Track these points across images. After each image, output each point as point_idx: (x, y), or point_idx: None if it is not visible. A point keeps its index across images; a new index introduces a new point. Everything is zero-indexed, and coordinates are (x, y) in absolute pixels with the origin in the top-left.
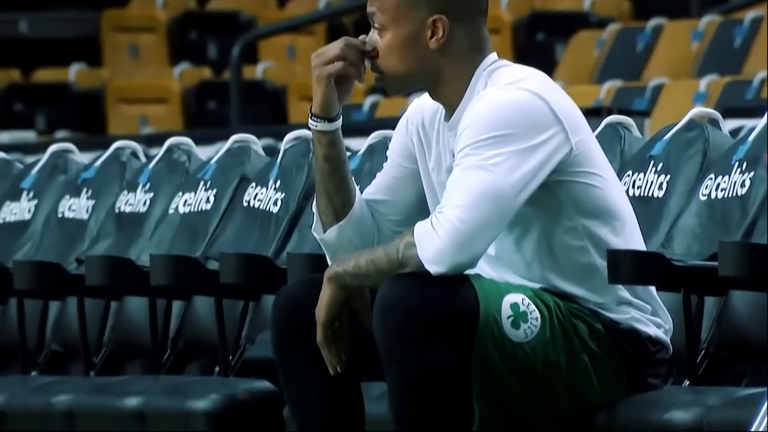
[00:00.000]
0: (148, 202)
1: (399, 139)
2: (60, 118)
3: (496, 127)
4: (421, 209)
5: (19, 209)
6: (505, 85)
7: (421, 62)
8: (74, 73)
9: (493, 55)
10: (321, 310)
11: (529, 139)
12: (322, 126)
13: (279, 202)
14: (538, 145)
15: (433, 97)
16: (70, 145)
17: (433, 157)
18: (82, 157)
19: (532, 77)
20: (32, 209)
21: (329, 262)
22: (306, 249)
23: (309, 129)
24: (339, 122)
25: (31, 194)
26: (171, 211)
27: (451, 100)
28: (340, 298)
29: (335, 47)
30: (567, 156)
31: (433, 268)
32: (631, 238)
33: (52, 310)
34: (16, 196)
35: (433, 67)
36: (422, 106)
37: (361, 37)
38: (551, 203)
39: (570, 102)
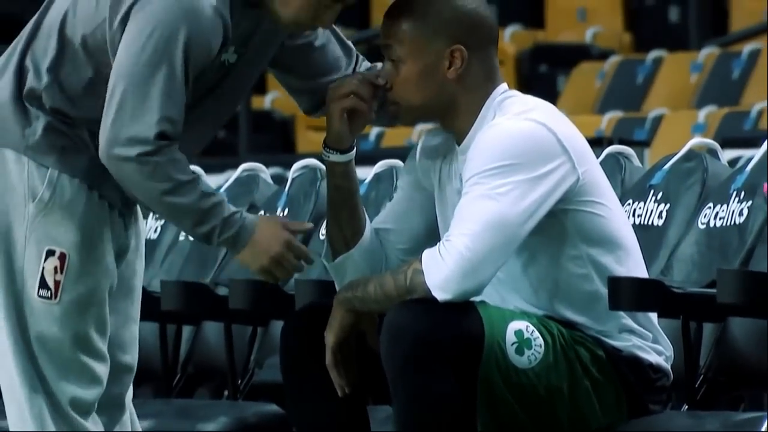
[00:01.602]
0: (159, 229)
1: (409, 169)
2: None
3: (504, 157)
4: (429, 238)
5: None
6: (513, 116)
7: (438, 92)
8: None
9: (504, 85)
10: (330, 333)
11: (536, 169)
12: (335, 157)
13: None
14: (544, 175)
15: (445, 126)
16: None
17: (443, 181)
18: None
19: (539, 108)
20: None
21: (337, 289)
22: (313, 276)
23: (322, 160)
24: (352, 154)
25: None
26: (181, 237)
27: (462, 128)
28: (348, 322)
29: (349, 82)
30: (573, 185)
31: (440, 295)
32: (634, 266)
33: None
34: None
35: (449, 97)
36: (433, 134)
37: (378, 68)
38: (557, 231)
39: (576, 133)
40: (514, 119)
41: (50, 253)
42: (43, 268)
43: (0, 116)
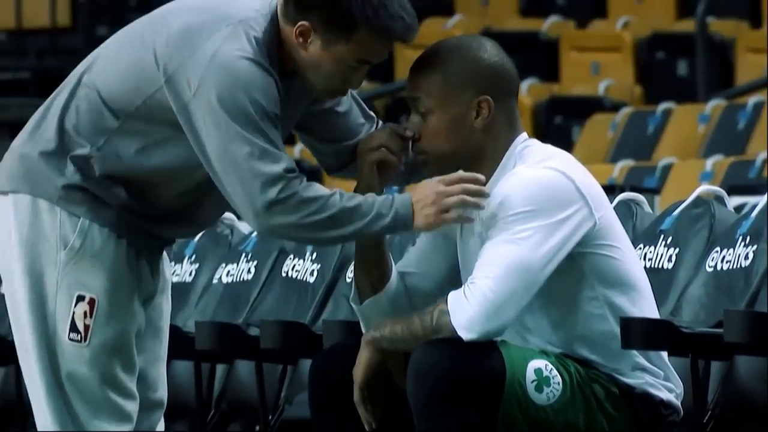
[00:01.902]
0: (193, 273)
1: None
2: None
3: (525, 203)
4: (451, 282)
5: None
6: (533, 164)
7: (466, 141)
8: None
9: (524, 134)
10: (358, 371)
11: (555, 215)
12: None
13: (315, 273)
14: (564, 220)
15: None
16: None
17: (464, 227)
18: None
19: (558, 156)
20: None
21: (363, 331)
22: (340, 316)
23: None
24: None
25: None
26: (215, 280)
27: (485, 175)
28: (376, 361)
29: (379, 135)
30: (591, 230)
31: (465, 335)
32: (647, 307)
33: None
34: None
35: (476, 145)
36: None
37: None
38: (575, 274)
39: (593, 180)
40: (534, 167)
41: (80, 299)
42: (74, 312)
43: (36, 168)
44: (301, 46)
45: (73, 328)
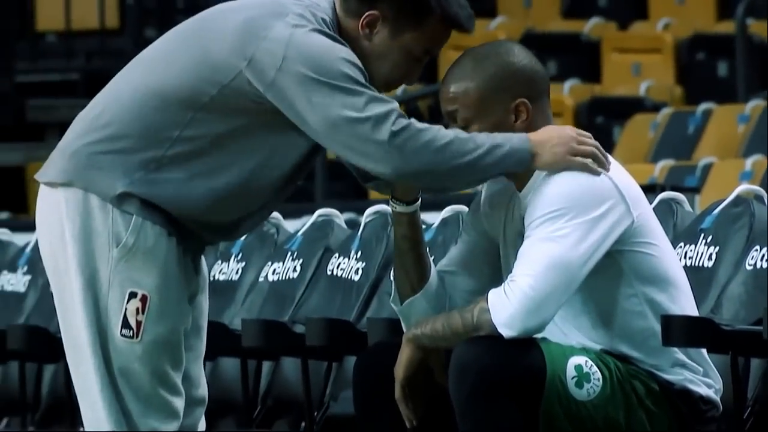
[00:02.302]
0: (240, 271)
1: (473, 215)
2: None
3: (564, 202)
4: (491, 280)
5: None
6: None
7: None
8: None
9: None
10: (399, 369)
11: (593, 212)
12: (400, 208)
13: (360, 271)
14: (602, 218)
15: (507, 175)
16: None
17: (506, 226)
18: None
19: None
20: None
21: (404, 330)
22: (384, 314)
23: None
24: (417, 205)
25: None
26: (261, 279)
27: (524, 176)
28: (417, 358)
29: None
30: (629, 227)
31: (506, 332)
32: (686, 304)
33: None
34: None
35: None
36: (494, 182)
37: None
38: (614, 271)
39: (630, 178)
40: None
41: (132, 295)
42: (126, 309)
43: (95, 165)
44: (366, 37)
45: (125, 324)
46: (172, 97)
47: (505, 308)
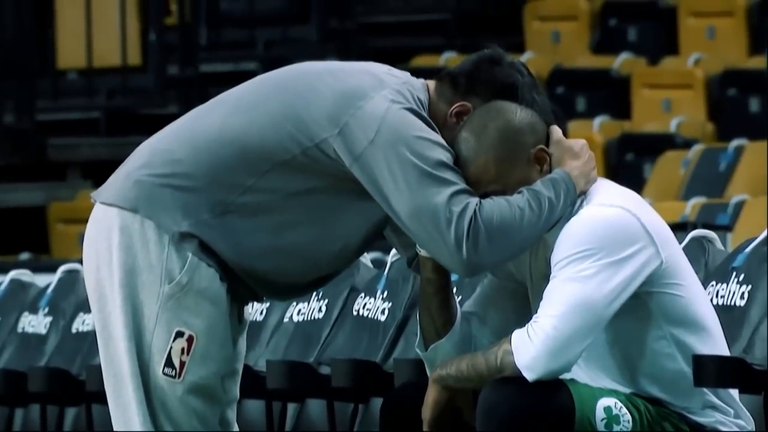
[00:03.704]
0: (264, 312)
1: None
2: None
3: (590, 241)
4: (517, 323)
5: None
6: (599, 203)
7: None
8: None
9: None
10: (426, 410)
11: (620, 253)
12: (425, 253)
13: (386, 311)
14: (628, 258)
15: None
16: None
17: (532, 269)
18: None
19: (623, 195)
20: None
21: (429, 375)
22: (411, 355)
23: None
24: None
25: None
26: (286, 319)
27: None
28: (443, 399)
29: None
30: (657, 269)
31: (529, 375)
32: (716, 346)
33: None
34: None
35: None
36: None
37: None
38: (642, 313)
39: (659, 218)
40: (600, 206)
41: (179, 334)
42: (171, 347)
43: (156, 197)
44: (453, 126)
45: (169, 363)
46: (252, 146)
47: (528, 350)
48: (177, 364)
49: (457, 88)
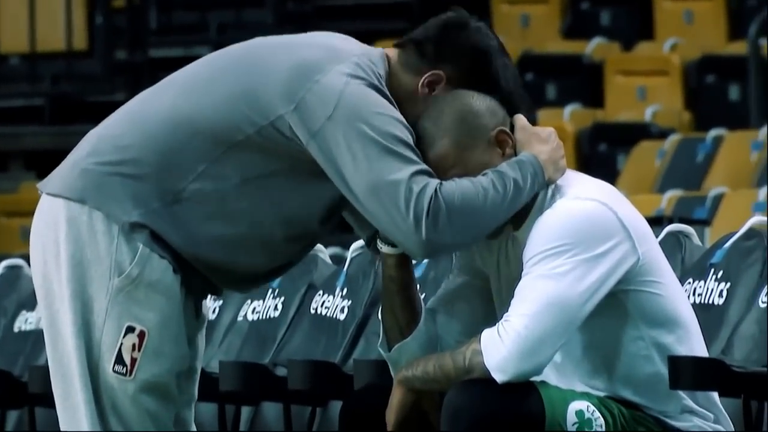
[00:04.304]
0: (217, 310)
1: (464, 254)
2: None
3: (564, 237)
4: (485, 321)
5: None
6: (573, 196)
7: None
8: None
9: None
10: (391, 412)
11: (596, 248)
12: (387, 249)
13: (346, 310)
14: (604, 254)
15: None
16: None
17: (500, 266)
18: None
19: (599, 188)
20: None
21: (393, 377)
22: (372, 356)
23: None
24: None
25: None
26: (240, 318)
27: (521, 214)
28: (409, 401)
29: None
30: (634, 266)
31: (499, 376)
32: (695, 346)
33: None
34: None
35: None
36: None
37: None
38: (618, 312)
39: (636, 212)
40: (574, 200)
41: (130, 330)
42: (122, 343)
43: (104, 186)
44: (423, 96)
45: (119, 360)
46: (203, 129)
47: (498, 350)
48: (128, 361)
49: (425, 56)
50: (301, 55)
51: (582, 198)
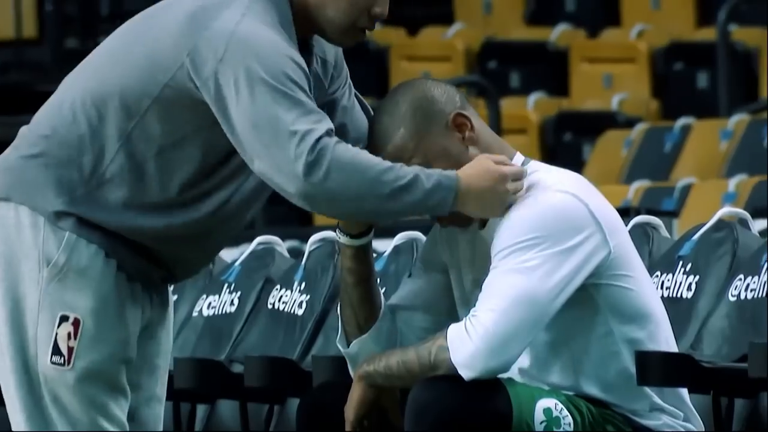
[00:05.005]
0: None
1: (429, 247)
2: None
3: (534, 230)
4: (449, 318)
5: None
6: (542, 188)
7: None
8: None
9: (520, 155)
10: (350, 409)
11: (566, 241)
12: (345, 240)
13: (304, 305)
14: (575, 247)
15: None
16: None
17: (463, 262)
18: None
19: (569, 179)
20: None
21: (351, 374)
22: (331, 352)
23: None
24: (365, 239)
25: None
26: (195, 313)
27: None
28: (369, 398)
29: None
30: (605, 259)
31: (466, 373)
32: (665, 342)
33: None
34: None
35: None
36: None
37: None
38: (588, 307)
39: (607, 204)
40: (543, 192)
41: (64, 319)
42: (56, 334)
43: (26, 178)
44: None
45: (56, 350)
46: (112, 103)
47: (466, 346)
48: (65, 350)
49: None
50: (194, 4)
51: (552, 190)
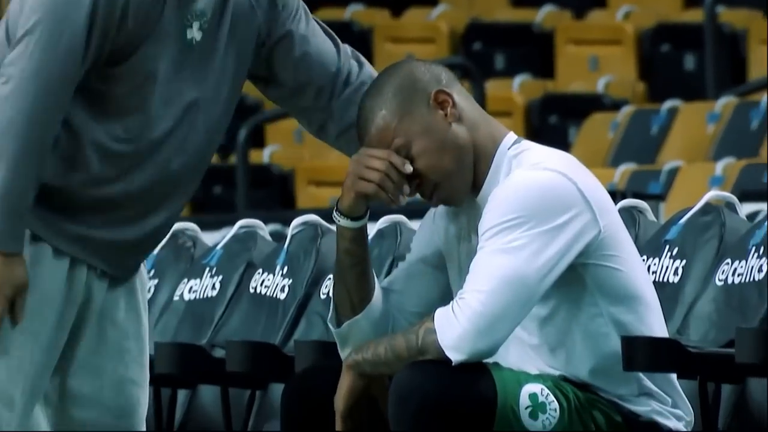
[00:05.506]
0: (152, 289)
1: (424, 231)
2: None
3: (521, 208)
4: (441, 301)
5: None
6: (530, 166)
7: (454, 142)
8: None
9: (512, 134)
10: (340, 400)
11: (554, 220)
12: (344, 222)
13: (286, 289)
14: (563, 226)
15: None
16: None
17: (460, 240)
18: None
19: (559, 158)
20: None
21: (341, 355)
22: (314, 336)
23: (324, 216)
24: (363, 222)
25: None
26: (176, 298)
27: (477, 179)
28: (359, 387)
29: (377, 163)
30: (594, 239)
31: (454, 356)
32: (655, 324)
33: None
34: None
35: (466, 141)
36: None
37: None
38: (577, 288)
39: (597, 183)
40: (532, 170)
41: None
42: None
43: None
44: None
45: None
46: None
47: (453, 328)
48: None
49: None
50: None
51: (540, 168)
